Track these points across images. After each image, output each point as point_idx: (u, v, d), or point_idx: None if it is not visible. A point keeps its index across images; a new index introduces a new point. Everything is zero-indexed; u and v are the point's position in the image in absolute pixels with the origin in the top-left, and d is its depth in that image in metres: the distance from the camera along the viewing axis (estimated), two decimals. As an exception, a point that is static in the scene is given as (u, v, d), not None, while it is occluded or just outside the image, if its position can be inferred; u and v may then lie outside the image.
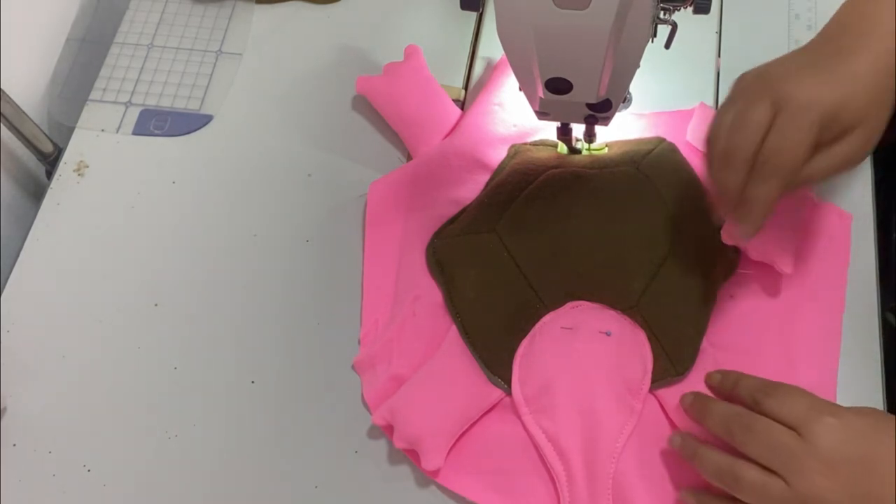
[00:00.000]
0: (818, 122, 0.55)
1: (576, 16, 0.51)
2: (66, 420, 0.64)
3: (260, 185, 0.73)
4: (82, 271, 0.70)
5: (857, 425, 0.53)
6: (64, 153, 0.75)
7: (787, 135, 0.55)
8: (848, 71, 0.56)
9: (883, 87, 0.57)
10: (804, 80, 0.56)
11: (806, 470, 0.52)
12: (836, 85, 0.55)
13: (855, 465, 0.52)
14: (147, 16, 0.81)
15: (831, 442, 0.52)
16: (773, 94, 0.56)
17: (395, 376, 0.63)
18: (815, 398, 0.55)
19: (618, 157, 0.70)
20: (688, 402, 0.59)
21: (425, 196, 0.70)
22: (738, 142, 0.56)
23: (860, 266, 0.67)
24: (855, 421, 0.53)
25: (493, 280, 0.65)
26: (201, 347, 0.66)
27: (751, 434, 0.54)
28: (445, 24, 0.79)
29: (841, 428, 0.53)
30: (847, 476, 0.52)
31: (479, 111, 0.72)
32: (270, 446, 0.63)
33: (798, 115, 0.55)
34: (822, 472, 0.52)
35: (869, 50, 0.57)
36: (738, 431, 0.55)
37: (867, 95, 0.56)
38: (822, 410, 0.54)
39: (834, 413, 0.54)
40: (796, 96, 0.55)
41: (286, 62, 0.78)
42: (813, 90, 0.55)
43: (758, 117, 0.56)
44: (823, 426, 0.53)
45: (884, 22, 0.58)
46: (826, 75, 0.56)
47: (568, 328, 0.63)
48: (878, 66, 0.56)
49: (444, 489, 0.61)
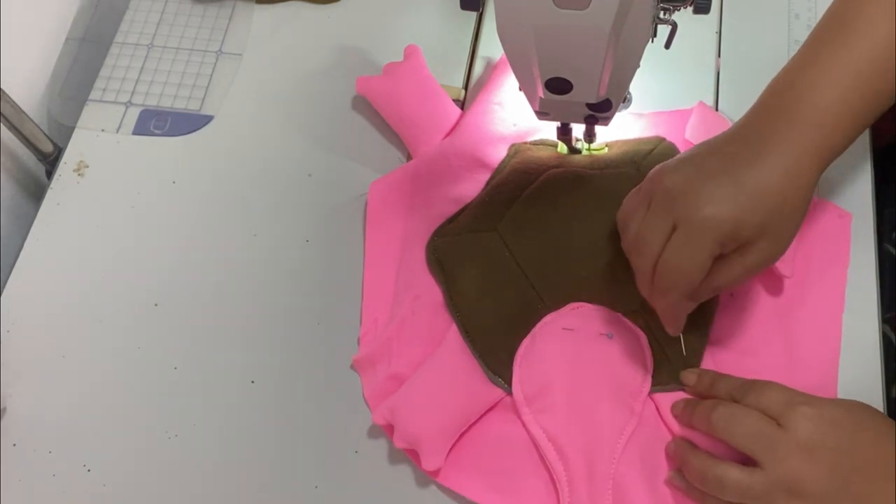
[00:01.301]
0: (714, 241, 0.55)
1: (576, 16, 0.51)
2: (66, 420, 0.64)
3: (260, 185, 0.73)
4: (82, 271, 0.70)
5: (835, 414, 0.55)
6: (64, 153, 0.75)
7: (682, 253, 0.56)
8: (754, 181, 0.55)
9: (795, 192, 0.56)
10: (704, 195, 0.55)
11: (786, 456, 0.53)
12: (737, 201, 0.54)
13: (834, 452, 0.53)
14: (147, 16, 0.81)
15: (810, 429, 0.54)
16: (673, 211, 0.56)
17: (394, 375, 0.63)
18: (793, 392, 0.56)
19: (618, 158, 0.70)
20: (678, 410, 0.60)
21: (425, 195, 0.70)
22: (637, 257, 0.58)
23: (860, 266, 0.67)
24: (833, 410, 0.55)
25: (493, 279, 0.65)
26: (201, 347, 0.66)
27: (732, 421, 0.56)
28: (445, 24, 0.79)
29: (819, 416, 0.54)
30: (827, 462, 0.53)
31: (479, 111, 0.72)
32: (270, 446, 0.63)
33: (693, 235, 0.55)
34: (801, 457, 0.53)
35: (788, 145, 0.56)
36: (719, 421, 0.56)
37: (771, 209, 0.55)
38: (801, 401, 0.55)
39: (812, 403, 0.55)
40: (692, 216, 0.55)
41: (286, 62, 0.78)
42: (710, 209, 0.54)
43: (655, 236, 0.56)
44: (802, 415, 0.54)
45: (812, 106, 0.57)
46: (729, 188, 0.55)
47: (569, 329, 0.63)
48: (792, 169, 0.55)
49: (444, 489, 0.61)
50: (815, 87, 0.57)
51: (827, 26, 0.60)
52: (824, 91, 0.57)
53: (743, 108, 0.60)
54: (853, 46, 0.57)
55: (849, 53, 0.57)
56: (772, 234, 0.56)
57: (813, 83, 0.57)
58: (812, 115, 0.56)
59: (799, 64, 0.59)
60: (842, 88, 0.57)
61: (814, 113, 0.56)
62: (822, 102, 0.57)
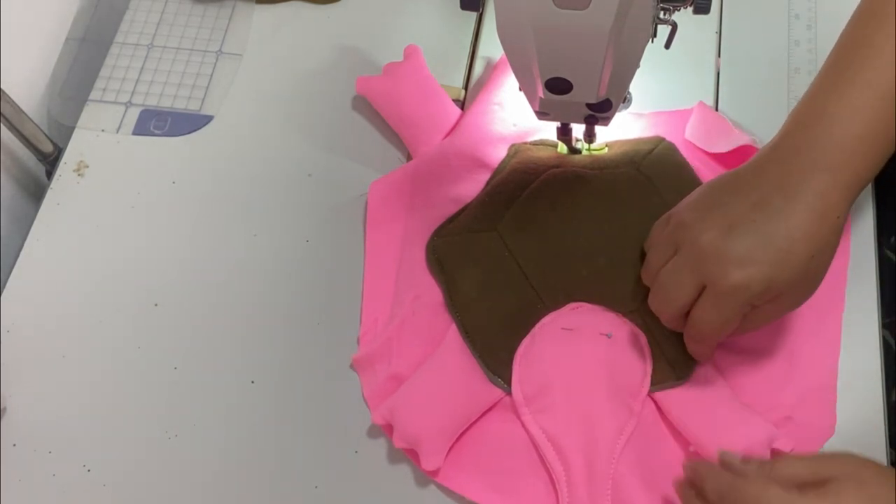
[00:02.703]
0: (745, 303, 0.55)
1: (576, 16, 0.51)
2: (66, 420, 0.64)
3: (260, 185, 0.73)
4: (82, 271, 0.70)
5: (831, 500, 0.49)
6: (64, 153, 0.75)
7: (713, 314, 0.56)
8: (784, 232, 0.54)
9: (826, 235, 0.54)
10: (733, 257, 0.54)
11: None
12: (767, 259, 0.54)
13: None
14: (147, 16, 0.81)
15: None
16: (700, 268, 0.55)
17: (394, 375, 0.63)
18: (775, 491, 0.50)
19: (618, 158, 0.70)
20: None
21: (426, 195, 0.70)
22: (661, 303, 0.59)
23: (860, 269, 0.67)
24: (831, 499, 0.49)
25: (493, 279, 0.65)
26: (201, 347, 0.66)
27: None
28: (445, 24, 0.79)
29: None
30: None
31: (479, 111, 0.72)
32: (270, 446, 0.63)
33: (723, 298, 0.55)
34: None
35: (816, 186, 0.54)
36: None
37: (803, 260, 0.54)
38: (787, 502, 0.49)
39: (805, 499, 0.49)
40: (722, 280, 0.54)
41: (286, 62, 0.78)
42: (740, 274, 0.54)
43: (681, 291, 0.57)
44: None
45: (839, 141, 0.55)
46: (759, 246, 0.54)
47: (568, 329, 0.63)
48: (822, 211, 0.54)
49: (443, 489, 0.61)
50: (839, 121, 0.55)
51: (845, 48, 0.59)
52: (850, 125, 0.55)
53: (743, 108, 0.60)
54: (875, 70, 0.56)
55: (871, 77, 0.56)
56: (802, 284, 0.56)
57: (837, 116, 0.56)
58: (839, 154, 0.55)
59: (820, 94, 0.58)
60: (866, 118, 0.55)
61: (840, 151, 0.55)
62: (848, 137, 0.55)
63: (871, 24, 0.58)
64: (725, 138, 0.69)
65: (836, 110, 0.56)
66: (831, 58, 0.59)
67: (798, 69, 0.74)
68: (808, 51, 0.75)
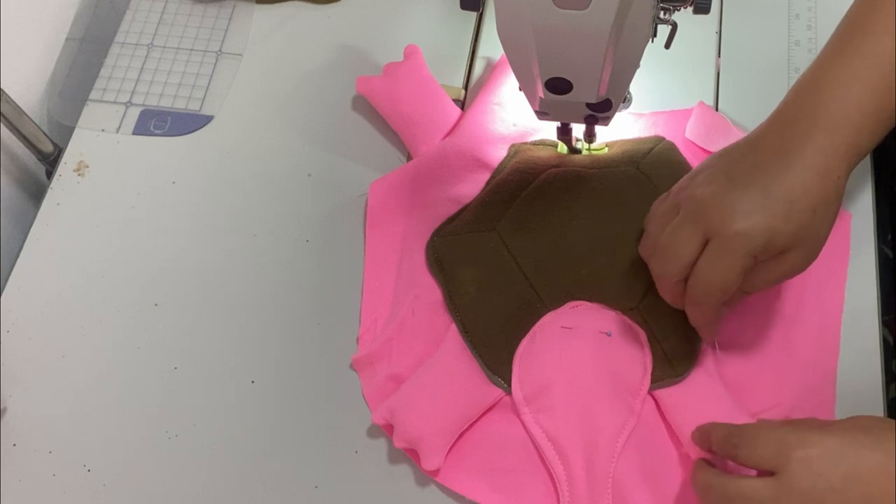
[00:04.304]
0: (748, 255, 0.55)
1: (576, 16, 0.51)
2: (66, 420, 0.64)
3: (260, 185, 0.73)
4: (82, 271, 0.70)
5: (832, 448, 0.51)
6: (64, 153, 0.75)
7: (716, 267, 0.55)
8: (784, 189, 0.54)
9: (825, 196, 0.55)
10: (736, 207, 0.54)
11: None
12: (768, 212, 0.54)
13: (840, 491, 0.50)
14: (147, 16, 0.81)
15: (809, 478, 0.50)
16: (703, 222, 0.55)
17: (394, 375, 0.63)
18: (784, 432, 0.52)
19: (618, 157, 0.70)
20: None
21: (426, 195, 0.70)
22: (662, 264, 0.58)
23: (860, 266, 0.67)
24: (830, 443, 0.51)
25: (493, 279, 0.65)
26: (201, 347, 0.66)
27: (727, 501, 0.53)
28: (445, 24, 0.79)
29: (817, 457, 0.50)
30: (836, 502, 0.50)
31: (479, 111, 0.72)
32: (270, 446, 0.63)
33: (726, 249, 0.55)
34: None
35: (815, 148, 0.55)
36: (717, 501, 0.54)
37: (803, 216, 0.54)
38: (793, 445, 0.51)
39: (805, 444, 0.51)
40: (724, 230, 0.54)
41: (286, 62, 0.78)
42: (742, 223, 0.54)
43: (684, 247, 0.56)
44: (797, 464, 0.50)
45: (838, 106, 0.56)
46: (760, 198, 0.54)
47: (568, 328, 0.63)
48: (822, 173, 0.55)
49: (444, 489, 0.61)
50: (839, 86, 0.56)
51: (849, 25, 0.59)
52: (849, 89, 0.56)
53: (743, 108, 0.60)
54: (877, 42, 0.57)
55: (872, 48, 0.57)
56: (805, 241, 0.55)
57: (837, 81, 0.57)
58: (838, 116, 0.56)
59: (822, 63, 0.58)
60: (867, 85, 0.56)
61: (839, 114, 0.56)
62: (848, 101, 0.56)
63: (872, 8, 0.59)
64: (725, 138, 0.69)
65: (835, 78, 0.57)
66: (832, 37, 0.60)
67: (798, 69, 0.74)
68: (808, 51, 0.75)
